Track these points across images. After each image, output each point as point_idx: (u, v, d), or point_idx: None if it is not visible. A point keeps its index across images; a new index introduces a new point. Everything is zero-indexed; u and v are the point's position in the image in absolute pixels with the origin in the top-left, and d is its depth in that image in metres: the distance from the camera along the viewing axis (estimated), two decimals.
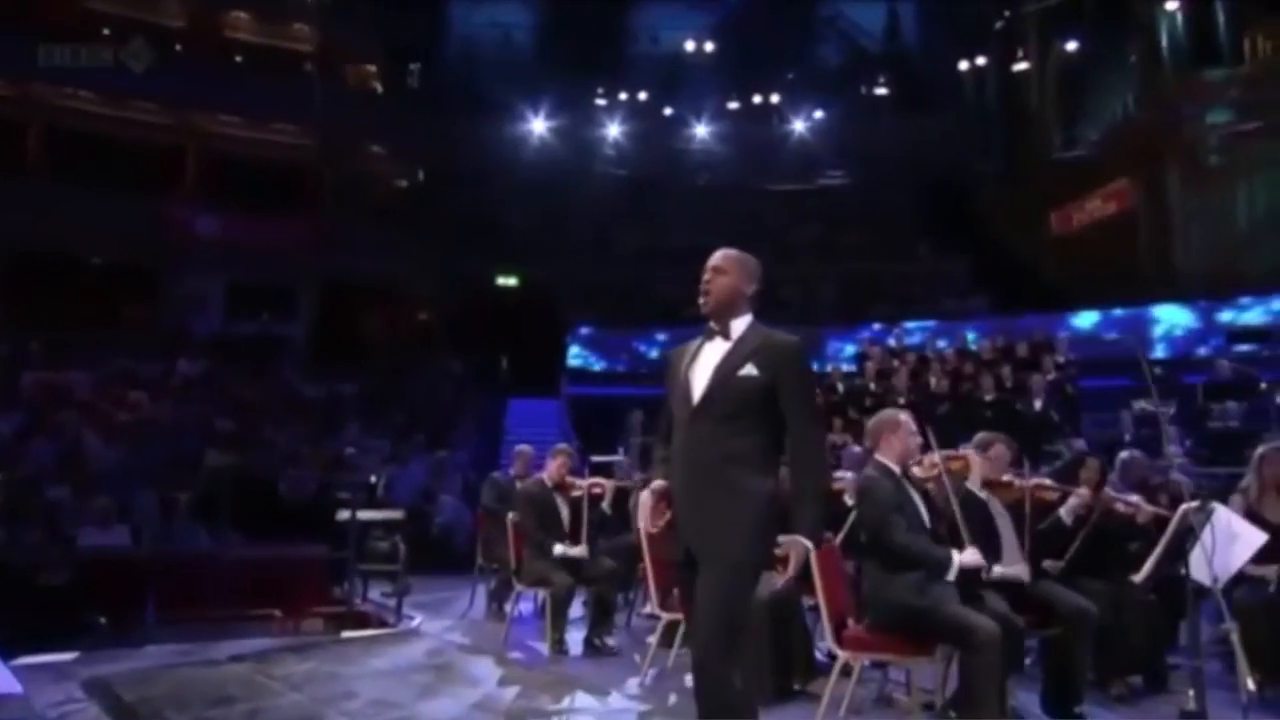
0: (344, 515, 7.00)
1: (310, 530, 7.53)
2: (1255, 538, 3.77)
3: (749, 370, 2.64)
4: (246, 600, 6.44)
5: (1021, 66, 17.34)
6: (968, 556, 3.63)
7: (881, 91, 18.51)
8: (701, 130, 18.79)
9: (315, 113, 17.11)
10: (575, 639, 5.72)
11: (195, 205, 16.63)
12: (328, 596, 6.96)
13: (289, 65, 18.35)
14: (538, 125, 18.43)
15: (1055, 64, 17.44)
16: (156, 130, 16.78)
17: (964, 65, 18.05)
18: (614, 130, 19.03)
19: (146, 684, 4.61)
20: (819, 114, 18.73)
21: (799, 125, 18.86)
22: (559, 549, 5.72)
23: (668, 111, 18.87)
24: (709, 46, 18.43)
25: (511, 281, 18.77)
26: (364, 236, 17.15)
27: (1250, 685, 3.57)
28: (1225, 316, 13.61)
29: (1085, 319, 14.39)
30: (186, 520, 8.24)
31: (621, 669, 5.19)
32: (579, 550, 5.73)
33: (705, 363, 2.72)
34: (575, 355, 17.37)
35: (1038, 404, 10.26)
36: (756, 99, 18.67)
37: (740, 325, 2.74)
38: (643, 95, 18.98)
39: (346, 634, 6.05)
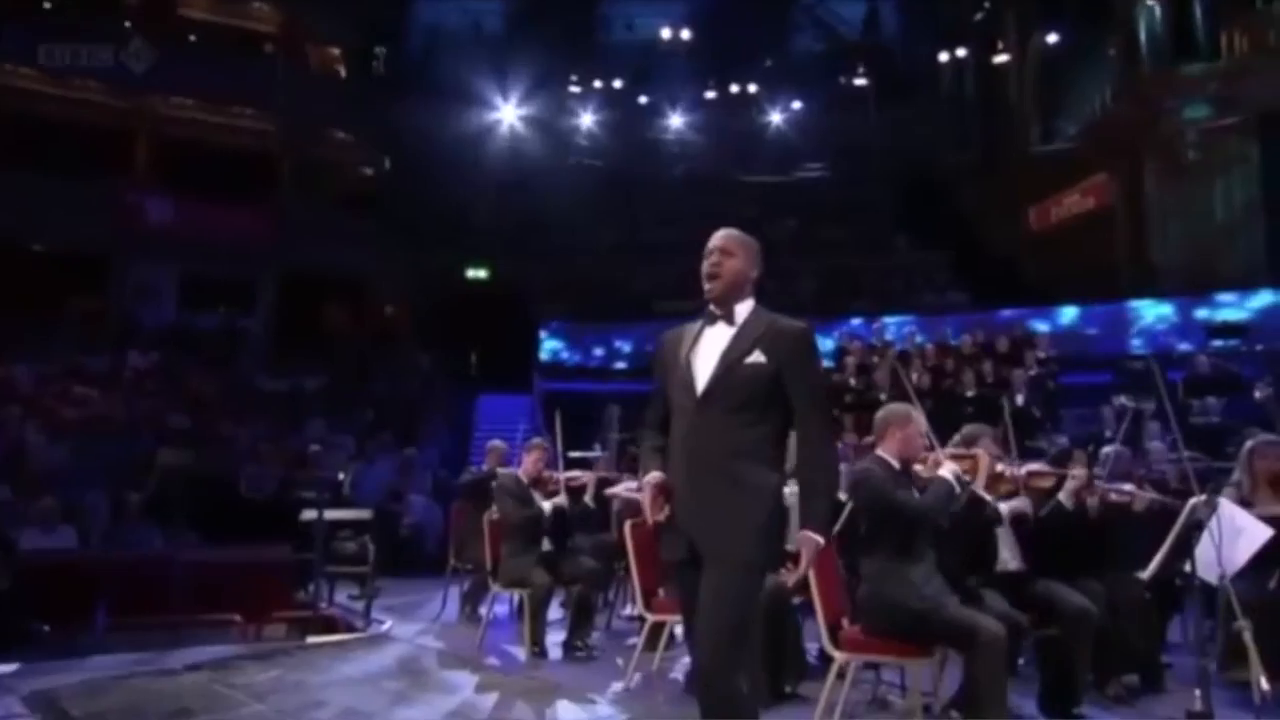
0: (309, 515, 6.72)
1: (272, 531, 7.25)
2: (1260, 532, 3.74)
3: (756, 357, 2.52)
4: (204, 605, 6.11)
5: (1001, 59, 17.31)
6: (946, 470, 3.66)
7: (860, 83, 18.35)
8: (677, 120, 18.46)
9: (276, 96, 16.55)
10: (553, 642, 5.57)
11: (147, 191, 15.99)
12: (291, 600, 6.69)
13: (248, 46, 17.74)
14: (509, 113, 17.97)
15: (1034, 56, 17.44)
16: (105, 112, 16.05)
17: (944, 57, 17.97)
18: (587, 120, 18.65)
19: (95, 697, 4.37)
20: (797, 105, 18.52)
21: (776, 117, 18.64)
22: (547, 505, 5.65)
23: (643, 100, 18.51)
24: (685, 34, 18.11)
25: (481, 274, 18.32)
26: (327, 226, 16.68)
27: (1264, 684, 3.51)
28: (1203, 313, 13.64)
29: (1065, 314, 14.41)
30: (138, 521, 7.92)
31: (604, 673, 5.04)
32: (560, 499, 5.69)
33: (708, 349, 2.59)
34: (548, 350, 17.08)
35: (1019, 399, 10.33)
36: (734, 89, 18.42)
37: (744, 310, 2.64)
38: (617, 83, 18.65)
39: (312, 639, 5.84)
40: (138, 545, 7.44)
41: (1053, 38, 16.95)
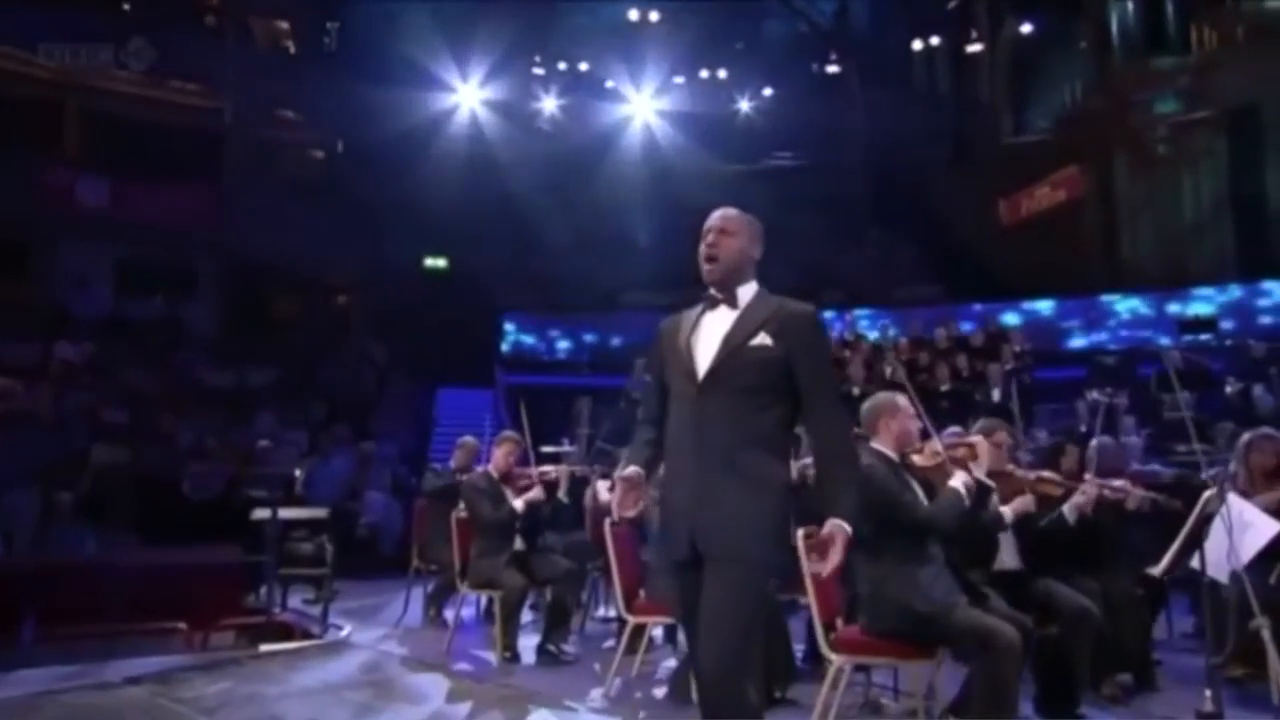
0: (263, 514, 6.39)
1: (220, 532, 6.94)
2: (1268, 527, 3.76)
3: (761, 340, 2.43)
4: (144, 612, 5.77)
5: (974, 48, 17.23)
6: (956, 480, 3.54)
7: (832, 70, 18.12)
8: (645, 106, 17.94)
9: (219, 71, 15.72)
10: (524, 646, 5.39)
11: (77, 170, 15.00)
12: (241, 605, 6.38)
13: (188, 17, 16.77)
14: (469, 95, 17.25)
15: (1005, 47, 17.40)
16: (28, 83, 14.84)
17: (917, 45, 17.83)
18: (551, 104, 18.05)
19: (23, 715, 4.12)
20: (767, 92, 18.22)
21: (746, 104, 18.31)
22: (519, 504, 5.41)
23: (609, 85, 17.99)
24: (654, 16, 17.64)
25: (440, 263, 17.72)
26: (275, 210, 15.86)
27: None
28: (1174, 307, 13.73)
29: (1036, 308, 14.49)
30: (70, 523, 7.57)
31: (581, 679, 4.89)
32: (535, 493, 5.43)
33: (710, 334, 2.49)
34: (510, 342, 16.63)
35: (996, 394, 10.30)
36: (704, 74, 18.03)
37: (747, 293, 2.54)
38: (583, 66, 18.09)
39: (265, 647, 5.58)
40: (69, 549, 7.15)
41: (1025, 28, 16.96)
